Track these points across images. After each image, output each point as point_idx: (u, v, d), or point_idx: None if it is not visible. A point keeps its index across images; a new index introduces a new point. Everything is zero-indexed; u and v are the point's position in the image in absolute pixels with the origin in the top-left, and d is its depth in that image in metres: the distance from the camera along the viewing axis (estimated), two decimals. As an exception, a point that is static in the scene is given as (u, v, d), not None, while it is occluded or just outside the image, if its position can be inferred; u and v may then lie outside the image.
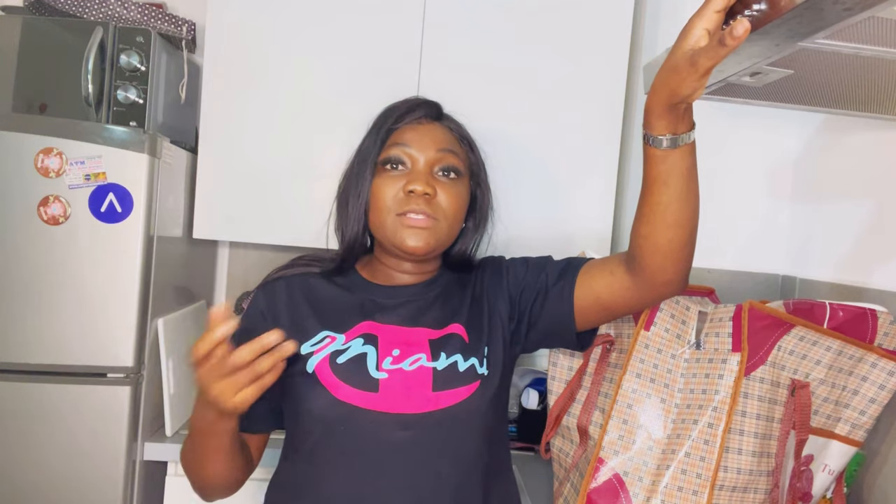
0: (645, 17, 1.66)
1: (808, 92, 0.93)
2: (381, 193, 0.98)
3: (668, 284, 0.90)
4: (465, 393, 0.93)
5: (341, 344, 0.96)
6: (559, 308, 0.98)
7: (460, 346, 0.97)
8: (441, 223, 0.98)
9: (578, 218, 1.63)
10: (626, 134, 1.67)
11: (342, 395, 0.92)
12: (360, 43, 1.59)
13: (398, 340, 0.96)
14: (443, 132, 1.03)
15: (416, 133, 1.01)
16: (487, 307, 1.02)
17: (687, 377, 1.01)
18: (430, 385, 0.93)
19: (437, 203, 0.98)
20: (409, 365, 0.94)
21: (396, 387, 0.92)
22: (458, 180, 1.01)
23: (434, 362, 0.94)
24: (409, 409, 0.92)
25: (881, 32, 0.66)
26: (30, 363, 1.36)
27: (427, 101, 1.06)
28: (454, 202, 0.99)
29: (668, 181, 0.81)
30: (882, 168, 1.17)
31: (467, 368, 0.95)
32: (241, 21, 1.58)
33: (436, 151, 1.00)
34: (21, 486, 1.36)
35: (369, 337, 0.97)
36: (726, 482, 0.95)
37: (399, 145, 1.00)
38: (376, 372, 0.93)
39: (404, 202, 0.97)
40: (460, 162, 1.02)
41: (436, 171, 1.00)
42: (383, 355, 0.95)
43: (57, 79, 1.51)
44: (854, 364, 0.99)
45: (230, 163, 1.58)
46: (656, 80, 0.75)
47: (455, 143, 1.04)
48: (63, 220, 1.36)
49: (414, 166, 0.99)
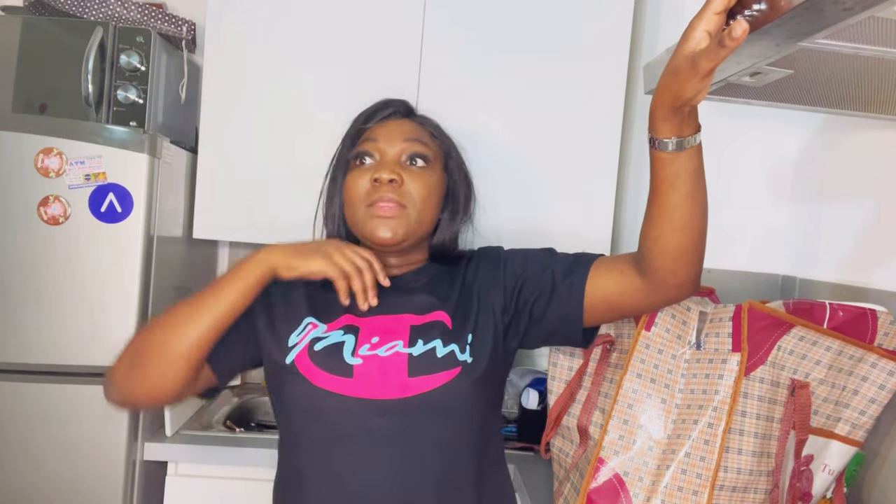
0: (645, 18, 1.66)
1: (808, 92, 0.93)
2: (352, 187, 1.00)
3: (680, 287, 0.90)
4: (443, 378, 0.93)
5: (322, 332, 0.97)
6: (568, 304, 0.98)
7: (441, 332, 0.96)
8: (410, 210, 0.99)
9: (578, 219, 1.63)
10: (626, 134, 1.67)
11: (318, 381, 0.92)
12: (360, 43, 1.59)
13: (380, 328, 0.97)
14: (411, 125, 1.06)
15: (385, 128, 1.04)
16: (478, 297, 1.01)
17: (687, 377, 1.01)
18: (405, 370, 0.92)
19: (405, 190, 0.99)
20: (385, 351, 0.94)
21: (371, 372, 0.92)
22: (427, 168, 1.03)
23: (410, 348, 0.94)
24: (384, 394, 0.92)
25: (881, 32, 0.66)
26: (30, 363, 1.36)
27: (395, 100, 1.09)
28: (422, 188, 1.00)
29: (674, 184, 0.81)
30: (882, 168, 1.17)
31: (446, 354, 0.94)
32: (241, 21, 1.57)
33: (402, 141, 1.02)
34: (21, 486, 1.36)
35: (350, 328, 0.97)
36: (726, 482, 0.96)
37: (367, 141, 1.03)
38: (351, 358, 0.93)
39: (372, 192, 0.98)
40: (428, 150, 1.04)
41: (403, 160, 1.02)
42: (361, 342, 0.95)
43: (57, 79, 1.51)
44: (854, 364, 0.99)
45: (230, 163, 1.58)
46: (659, 83, 0.75)
47: (424, 134, 1.06)
48: (63, 220, 1.36)
49: (382, 158, 1.01)
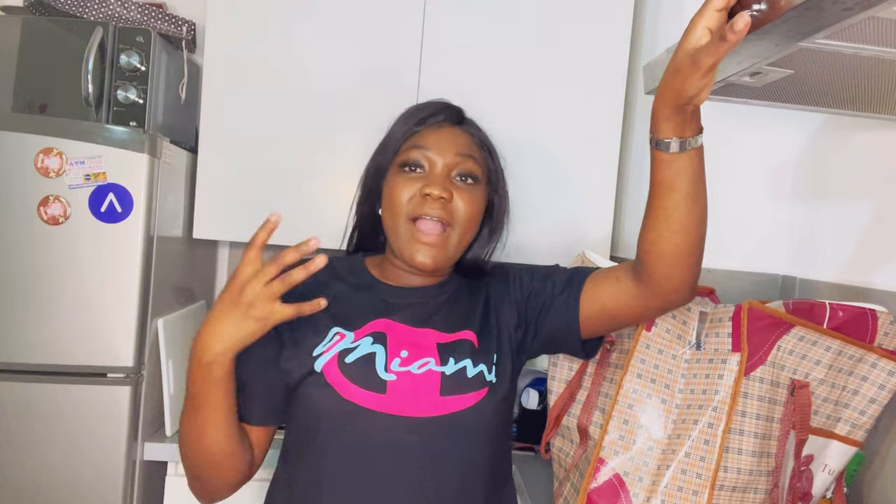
0: (645, 17, 1.66)
1: (808, 92, 0.93)
2: (397, 195, 0.97)
3: (675, 292, 0.89)
4: (472, 399, 0.93)
5: (350, 342, 0.95)
6: (564, 316, 0.98)
7: (470, 352, 0.96)
8: (454, 231, 0.97)
9: (578, 219, 1.63)
10: (626, 134, 1.67)
11: (349, 394, 0.91)
12: (360, 43, 1.59)
13: (407, 341, 0.96)
14: (463, 137, 1.02)
15: (436, 136, 1.00)
16: (495, 315, 1.01)
17: (687, 377, 1.01)
18: (437, 389, 0.92)
19: (452, 208, 0.96)
20: (418, 368, 0.93)
21: (405, 389, 0.92)
22: (476, 186, 1.00)
23: (443, 367, 0.94)
24: (416, 412, 0.91)
25: (881, 32, 0.66)
26: (30, 363, 1.36)
27: (449, 104, 1.05)
28: (470, 208, 0.98)
29: (673, 185, 0.81)
30: (882, 168, 1.17)
31: (476, 375, 0.94)
32: (241, 21, 1.57)
33: (454, 156, 0.98)
34: (21, 486, 1.36)
35: (378, 336, 0.96)
36: (726, 482, 0.96)
37: (418, 148, 0.99)
38: (385, 373, 0.92)
39: (419, 205, 0.95)
40: (479, 168, 1.01)
41: (453, 175, 0.98)
42: (392, 356, 0.94)
43: (57, 79, 1.51)
44: (854, 364, 0.99)
45: (230, 163, 1.58)
46: (661, 82, 0.75)
47: (475, 148, 1.02)
48: (63, 220, 1.36)
49: (432, 170, 0.98)
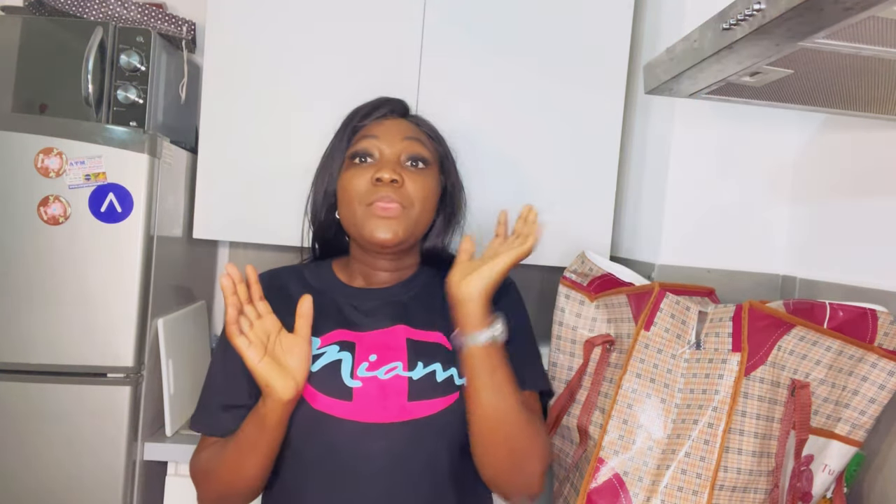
0: (645, 18, 1.66)
1: (808, 92, 0.93)
2: (351, 185, 1.00)
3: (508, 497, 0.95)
4: (442, 404, 0.93)
5: (316, 348, 0.95)
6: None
7: (441, 356, 0.96)
8: (410, 211, 0.99)
9: (578, 219, 1.63)
10: (626, 134, 1.67)
11: (317, 403, 0.91)
12: (360, 43, 1.59)
13: (376, 343, 0.96)
14: (409, 125, 1.06)
15: (383, 127, 1.04)
16: None
17: (687, 377, 1.01)
18: (405, 394, 0.92)
19: (405, 192, 0.99)
20: (385, 374, 0.93)
21: (371, 395, 0.91)
22: (426, 170, 1.03)
23: (410, 371, 0.94)
24: (383, 418, 0.91)
25: (881, 32, 0.66)
26: (30, 363, 1.36)
27: (392, 98, 1.09)
28: (422, 190, 1.00)
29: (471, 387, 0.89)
30: (882, 168, 1.17)
31: (446, 379, 0.94)
32: (241, 21, 1.57)
33: (402, 140, 1.02)
34: (21, 486, 1.36)
35: (345, 344, 0.96)
36: (726, 482, 0.96)
37: (366, 138, 1.02)
38: (350, 380, 0.92)
39: (373, 192, 0.98)
40: (428, 152, 1.05)
41: (403, 160, 1.02)
42: (359, 360, 0.94)
43: (57, 79, 1.51)
44: (854, 364, 0.99)
45: (230, 163, 1.58)
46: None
47: (422, 134, 1.07)
48: (63, 220, 1.36)
49: (382, 157, 1.01)
